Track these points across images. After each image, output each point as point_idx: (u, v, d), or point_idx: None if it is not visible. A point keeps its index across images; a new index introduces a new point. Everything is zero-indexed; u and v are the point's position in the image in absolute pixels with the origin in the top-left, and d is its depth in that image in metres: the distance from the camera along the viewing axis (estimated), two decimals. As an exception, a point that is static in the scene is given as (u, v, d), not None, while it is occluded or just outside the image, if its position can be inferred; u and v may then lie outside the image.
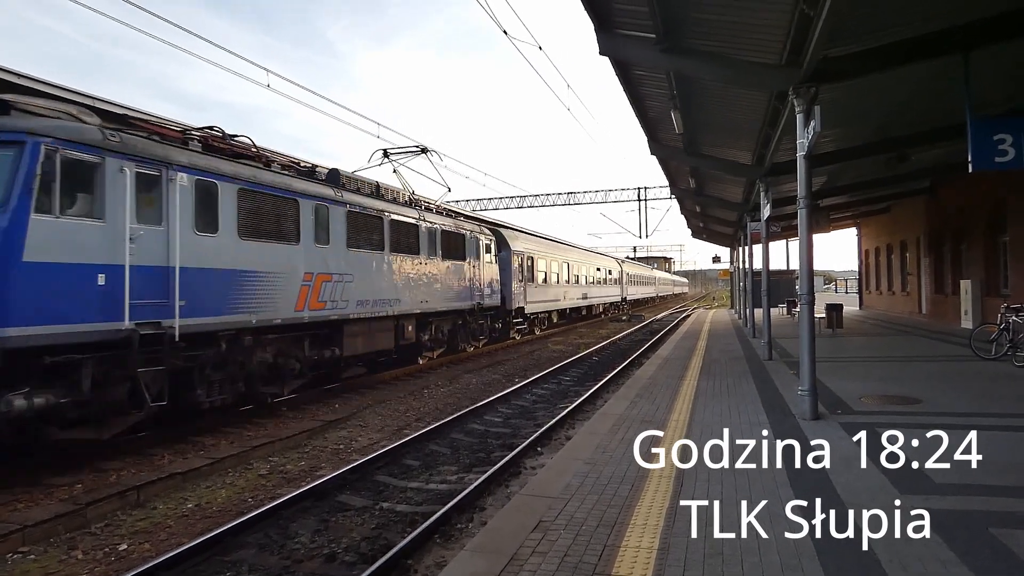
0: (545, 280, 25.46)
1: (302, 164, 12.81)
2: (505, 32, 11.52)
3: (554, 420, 9.50)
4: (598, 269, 36.11)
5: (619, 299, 41.78)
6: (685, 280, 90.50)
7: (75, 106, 8.03)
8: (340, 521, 5.96)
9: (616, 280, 40.88)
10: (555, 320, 28.41)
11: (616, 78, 10.53)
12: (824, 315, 19.74)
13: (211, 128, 9.84)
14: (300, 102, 13.73)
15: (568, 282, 29.17)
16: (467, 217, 21.11)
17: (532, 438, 8.43)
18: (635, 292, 48.41)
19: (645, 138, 14.43)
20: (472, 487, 6.40)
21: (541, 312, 25.25)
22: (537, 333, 25.19)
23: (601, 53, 8.78)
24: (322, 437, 9.35)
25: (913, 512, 4.41)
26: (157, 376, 7.84)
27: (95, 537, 5.73)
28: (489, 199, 46.33)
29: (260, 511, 5.87)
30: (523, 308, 22.48)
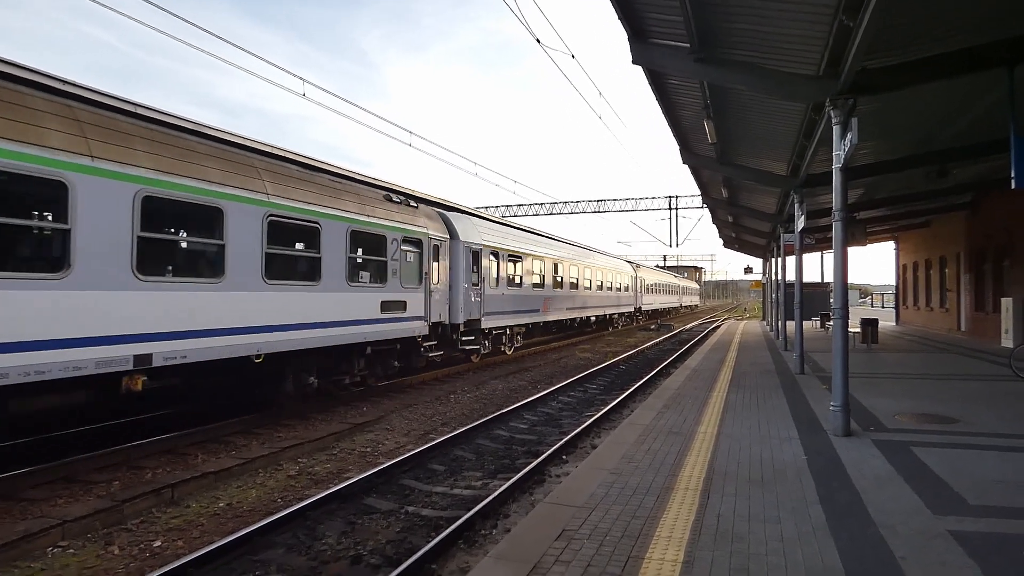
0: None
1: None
2: (538, 41, 11.60)
3: (580, 428, 9.48)
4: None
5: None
6: (696, 286, 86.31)
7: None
8: (366, 524, 6.03)
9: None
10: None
11: (649, 87, 10.51)
12: (859, 330, 19.34)
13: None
14: (334, 110, 14.06)
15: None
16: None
17: (557, 446, 8.42)
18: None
19: (677, 147, 14.35)
20: (496, 494, 6.43)
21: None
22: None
23: (634, 62, 8.78)
24: (350, 440, 9.47)
25: (948, 534, 4.32)
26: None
27: (131, 533, 5.89)
28: (519, 205, 46.81)
29: (289, 512, 5.97)
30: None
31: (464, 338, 16.34)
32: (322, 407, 11.40)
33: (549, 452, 8.10)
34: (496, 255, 18.05)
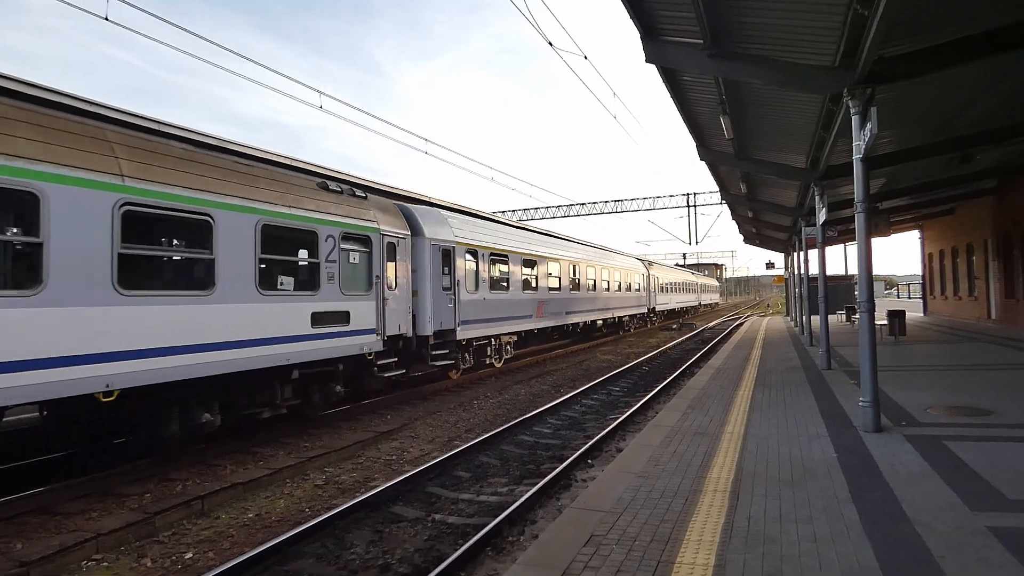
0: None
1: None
2: (551, 44, 11.58)
3: (604, 432, 9.42)
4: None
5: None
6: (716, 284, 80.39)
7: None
8: (394, 532, 6.05)
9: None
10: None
11: (663, 85, 10.45)
12: (886, 322, 19.02)
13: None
14: (351, 121, 14.16)
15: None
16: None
17: (582, 450, 8.38)
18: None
19: (694, 143, 14.25)
20: (523, 500, 6.40)
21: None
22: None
23: (648, 61, 8.74)
24: (375, 448, 9.51)
25: (986, 530, 4.21)
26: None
27: (163, 545, 5.97)
28: (536, 209, 46.98)
29: (317, 521, 6.01)
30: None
31: (436, 352, 13.96)
32: (347, 415, 11.47)
33: (574, 456, 8.07)
34: (474, 254, 15.84)
